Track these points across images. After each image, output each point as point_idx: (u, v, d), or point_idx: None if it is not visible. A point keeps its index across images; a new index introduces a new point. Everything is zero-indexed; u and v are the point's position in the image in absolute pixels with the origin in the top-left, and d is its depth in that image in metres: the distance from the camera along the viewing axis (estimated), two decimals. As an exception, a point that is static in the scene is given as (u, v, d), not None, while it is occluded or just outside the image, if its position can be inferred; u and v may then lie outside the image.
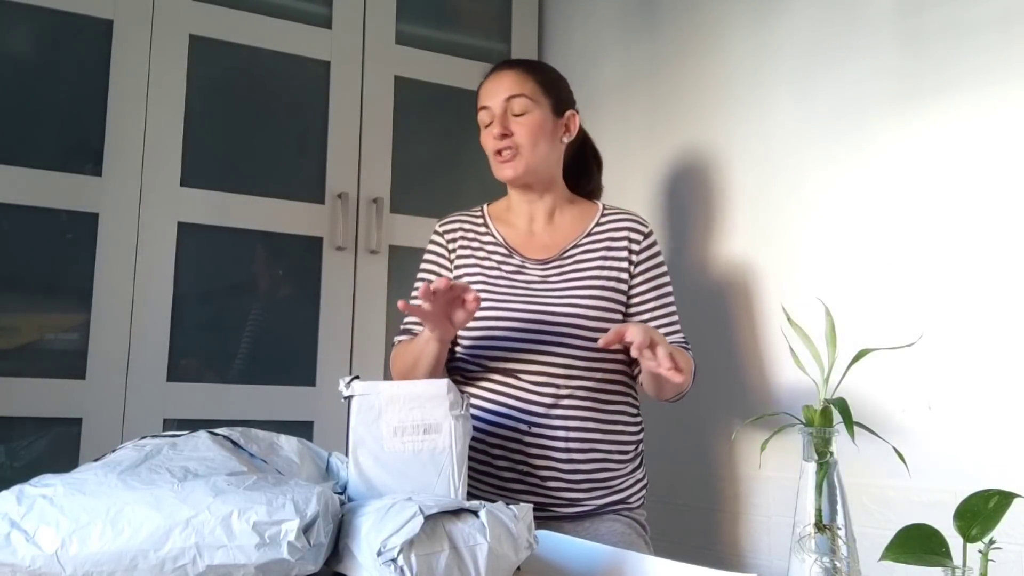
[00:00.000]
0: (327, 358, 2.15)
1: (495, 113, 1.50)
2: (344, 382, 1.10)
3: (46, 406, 1.89)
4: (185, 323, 2.03)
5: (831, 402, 0.89)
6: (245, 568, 0.78)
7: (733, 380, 1.80)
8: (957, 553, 0.76)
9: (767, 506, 1.70)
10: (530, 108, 1.50)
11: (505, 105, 1.50)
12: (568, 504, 1.43)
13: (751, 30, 1.85)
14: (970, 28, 1.42)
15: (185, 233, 2.05)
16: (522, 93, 1.50)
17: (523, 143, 1.49)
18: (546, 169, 1.54)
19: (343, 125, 2.23)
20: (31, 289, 1.94)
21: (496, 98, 1.50)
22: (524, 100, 1.50)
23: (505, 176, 1.52)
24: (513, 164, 1.50)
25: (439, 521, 0.83)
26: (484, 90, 1.54)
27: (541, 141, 1.51)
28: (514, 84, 1.51)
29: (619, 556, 1.01)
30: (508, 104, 1.50)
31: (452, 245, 1.56)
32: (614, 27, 2.28)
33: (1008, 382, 1.33)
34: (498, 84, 1.52)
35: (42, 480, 0.84)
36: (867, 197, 1.56)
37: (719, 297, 1.84)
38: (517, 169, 1.50)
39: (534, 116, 1.50)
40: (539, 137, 1.50)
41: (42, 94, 1.97)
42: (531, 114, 1.50)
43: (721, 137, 1.90)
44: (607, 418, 1.46)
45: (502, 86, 1.51)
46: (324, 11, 2.26)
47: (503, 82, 1.51)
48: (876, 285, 1.52)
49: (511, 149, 1.49)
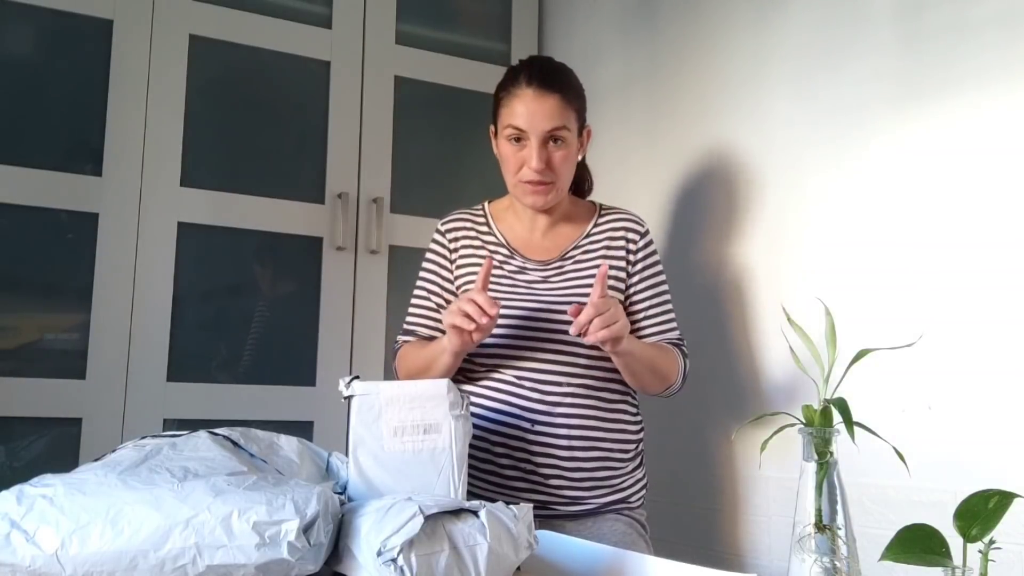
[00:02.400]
0: (327, 358, 2.15)
1: (533, 142, 1.43)
2: (344, 382, 1.10)
3: (46, 406, 1.88)
4: (185, 323, 2.03)
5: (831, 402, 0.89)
6: (245, 568, 0.78)
7: (733, 380, 1.80)
8: (957, 553, 0.76)
9: (767, 506, 1.70)
10: (568, 139, 1.45)
11: (546, 136, 1.43)
12: (570, 503, 1.43)
13: (751, 30, 1.85)
14: (970, 28, 1.42)
15: (185, 233, 2.05)
16: (564, 126, 1.43)
17: (560, 176, 1.46)
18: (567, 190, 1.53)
19: (343, 125, 2.23)
20: (31, 289, 1.94)
21: (537, 127, 1.42)
22: (563, 130, 1.43)
23: (534, 204, 1.48)
24: (545, 197, 1.47)
25: (439, 521, 0.83)
26: (522, 109, 1.43)
27: (571, 168, 1.49)
28: (558, 114, 1.43)
29: (619, 556, 1.01)
30: (550, 134, 1.43)
31: (454, 244, 1.56)
32: (614, 27, 2.28)
33: (1008, 382, 1.33)
34: (540, 109, 1.42)
35: (42, 480, 0.84)
36: (867, 197, 1.56)
37: (719, 297, 1.84)
38: (549, 202, 1.48)
39: (570, 147, 1.46)
40: (570, 165, 1.48)
41: (42, 94, 1.97)
42: (568, 145, 1.45)
43: (721, 137, 1.90)
44: (608, 416, 1.47)
45: (545, 115, 1.42)
46: (324, 11, 2.26)
47: (546, 110, 1.42)
48: (876, 285, 1.52)
49: (547, 183, 1.45)
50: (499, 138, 1.49)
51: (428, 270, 1.58)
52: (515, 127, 1.44)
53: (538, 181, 1.45)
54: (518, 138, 1.45)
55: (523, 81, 1.44)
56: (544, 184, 1.45)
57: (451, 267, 1.55)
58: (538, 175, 1.44)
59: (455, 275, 1.54)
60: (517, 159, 1.46)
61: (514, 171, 1.47)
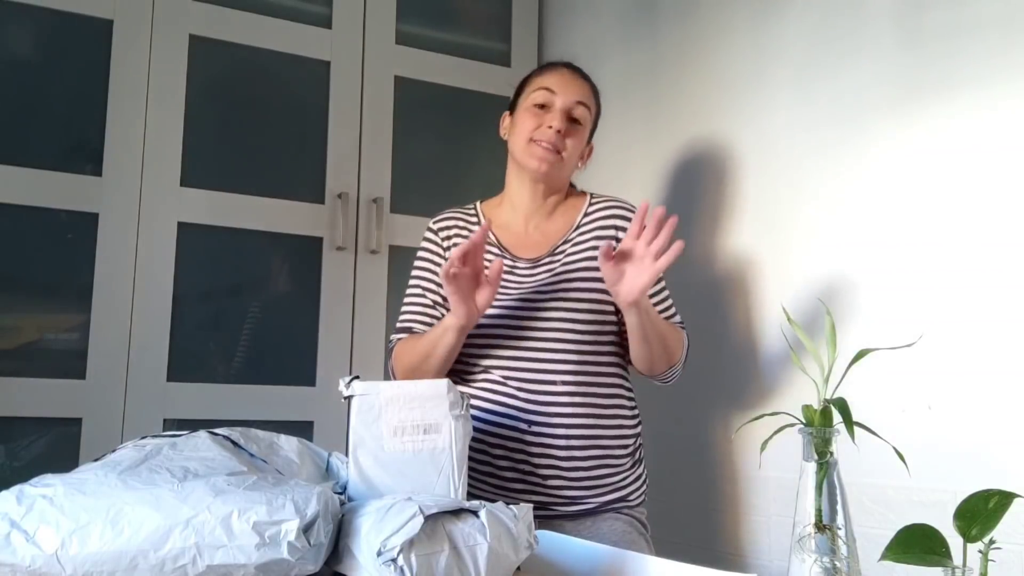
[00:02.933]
0: (327, 358, 2.15)
1: (559, 107, 1.50)
2: (344, 382, 1.10)
3: (46, 406, 1.88)
4: (185, 323, 2.03)
5: (831, 402, 0.89)
6: (245, 568, 0.78)
7: (733, 380, 1.80)
8: (957, 553, 0.76)
9: (767, 506, 1.70)
10: (585, 122, 1.54)
11: (572, 106, 1.51)
12: (569, 503, 1.43)
13: (751, 31, 1.85)
14: (970, 29, 1.42)
15: (185, 233, 2.05)
16: (587, 105, 1.53)
17: (568, 151, 1.51)
18: (563, 180, 1.57)
19: (343, 125, 2.23)
20: (31, 289, 1.94)
21: (568, 94, 1.51)
22: (585, 112, 1.53)
23: (538, 168, 1.51)
24: (551, 163, 1.50)
25: (439, 521, 0.83)
26: (556, 78, 1.53)
27: (576, 157, 1.55)
28: (586, 94, 1.54)
29: (619, 556, 1.01)
30: (575, 107, 1.51)
31: (447, 243, 1.57)
32: (614, 27, 2.28)
33: (1008, 382, 1.32)
34: (572, 83, 1.53)
35: (42, 480, 0.84)
36: (867, 197, 1.56)
37: (720, 297, 1.84)
38: (551, 171, 1.51)
39: (582, 133, 1.54)
40: (576, 153, 1.54)
41: (42, 94, 1.97)
42: (583, 128, 1.54)
43: (722, 138, 1.90)
44: (605, 412, 1.47)
45: (577, 87, 1.53)
46: (324, 11, 2.26)
47: (577, 85, 1.53)
48: (876, 285, 1.52)
49: (557, 151, 1.50)
50: (518, 111, 1.55)
51: (421, 268, 1.57)
52: (547, 88, 1.52)
53: (551, 144, 1.49)
54: (543, 105, 1.51)
55: (560, 65, 1.57)
56: (555, 151, 1.50)
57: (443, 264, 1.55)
58: (554, 136, 1.49)
59: None
60: (536, 119, 1.51)
61: (530, 130, 1.51)
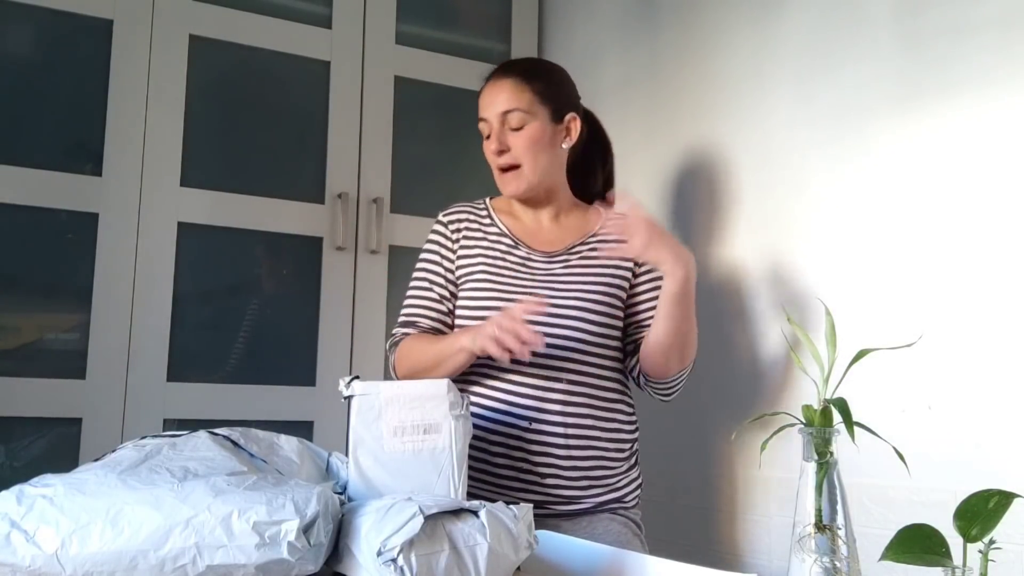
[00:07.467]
0: (327, 358, 2.15)
1: (492, 127, 1.49)
2: (344, 382, 1.10)
3: (46, 406, 1.88)
4: (185, 323, 2.03)
5: (831, 402, 0.89)
6: (245, 568, 0.78)
7: (733, 380, 1.80)
8: (957, 553, 0.76)
9: (767, 506, 1.70)
10: (527, 121, 1.48)
11: (502, 119, 1.48)
12: (566, 502, 1.43)
13: (751, 31, 1.85)
14: (970, 29, 1.42)
15: (185, 233, 2.05)
16: (517, 108, 1.47)
17: (523, 158, 1.48)
18: (548, 179, 1.53)
19: (343, 125, 2.23)
20: (31, 289, 1.94)
21: (492, 111, 1.48)
22: (520, 114, 1.47)
23: (507, 192, 1.52)
24: (516, 181, 1.49)
25: (439, 521, 0.83)
26: (482, 100, 1.52)
27: (540, 153, 1.49)
28: (510, 97, 1.48)
29: (619, 556, 1.01)
30: (505, 118, 1.48)
31: (456, 236, 1.55)
32: (614, 27, 2.28)
33: (1008, 382, 1.32)
34: (494, 96, 1.49)
35: (42, 480, 0.84)
36: (867, 197, 1.56)
37: (720, 297, 1.84)
38: (520, 187, 1.50)
39: (532, 128, 1.48)
40: (538, 150, 1.49)
41: (42, 94, 1.96)
42: (529, 127, 1.48)
43: (722, 138, 1.90)
44: (605, 415, 1.47)
45: (498, 98, 1.48)
46: (324, 11, 2.26)
47: (499, 94, 1.49)
48: (876, 285, 1.52)
49: (512, 167, 1.49)
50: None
51: (429, 260, 1.56)
52: (480, 117, 1.51)
53: (503, 166, 1.49)
54: (488, 134, 1.50)
55: (486, 79, 1.54)
56: (510, 169, 1.49)
57: (453, 257, 1.54)
58: (497, 157, 1.49)
59: (456, 266, 1.53)
60: (487, 152, 1.51)
61: (492, 165, 1.52)
